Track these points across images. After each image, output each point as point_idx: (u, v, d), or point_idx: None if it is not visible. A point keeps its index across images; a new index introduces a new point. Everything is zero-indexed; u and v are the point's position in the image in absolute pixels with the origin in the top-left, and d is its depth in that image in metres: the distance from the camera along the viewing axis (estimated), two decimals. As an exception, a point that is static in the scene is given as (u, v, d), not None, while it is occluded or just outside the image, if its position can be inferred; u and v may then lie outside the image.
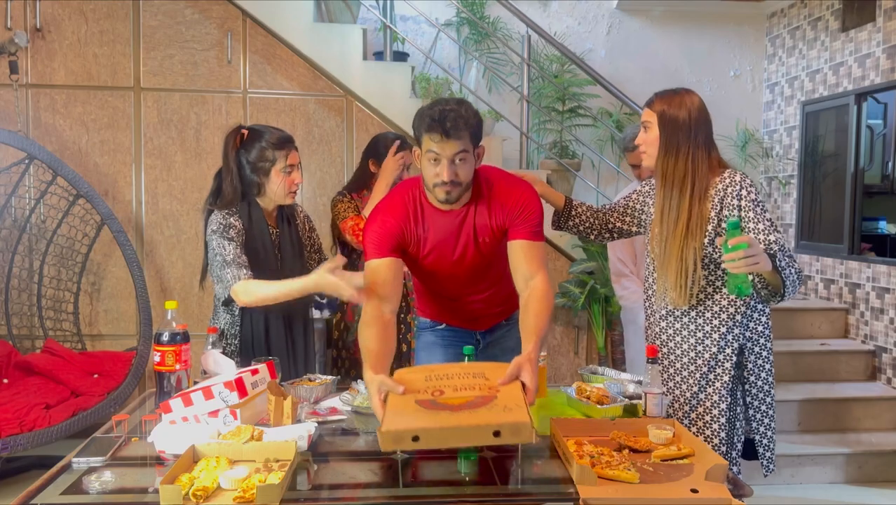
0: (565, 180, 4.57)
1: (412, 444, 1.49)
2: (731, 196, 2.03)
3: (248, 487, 1.42)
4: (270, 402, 1.84)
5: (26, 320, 3.92)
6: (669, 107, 2.07)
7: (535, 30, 4.38)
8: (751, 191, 2.03)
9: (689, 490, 1.48)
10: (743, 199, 2.02)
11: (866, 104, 4.51)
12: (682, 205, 2.04)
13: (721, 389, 2.10)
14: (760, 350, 2.12)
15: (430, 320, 2.38)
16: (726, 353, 2.09)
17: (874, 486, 3.65)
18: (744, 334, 2.10)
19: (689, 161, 2.04)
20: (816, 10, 4.92)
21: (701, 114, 2.08)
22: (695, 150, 2.05)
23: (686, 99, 2.08)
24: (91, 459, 1.62)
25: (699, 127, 2.06)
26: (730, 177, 2.06)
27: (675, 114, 2.06)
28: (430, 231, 2.04)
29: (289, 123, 4.06)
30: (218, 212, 2.24)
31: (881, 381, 4.22)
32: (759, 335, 2.12)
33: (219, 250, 2.18)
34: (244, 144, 2.26)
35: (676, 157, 2.05)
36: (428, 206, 2.04)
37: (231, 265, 2.15)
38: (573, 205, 2.36)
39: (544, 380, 2.22)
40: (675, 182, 2.05)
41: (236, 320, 2.28)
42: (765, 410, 2.14)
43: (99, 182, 3.95)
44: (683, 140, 2.05)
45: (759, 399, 2.14)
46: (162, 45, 3.98)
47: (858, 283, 4.43)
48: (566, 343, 4.25)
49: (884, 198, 5.13)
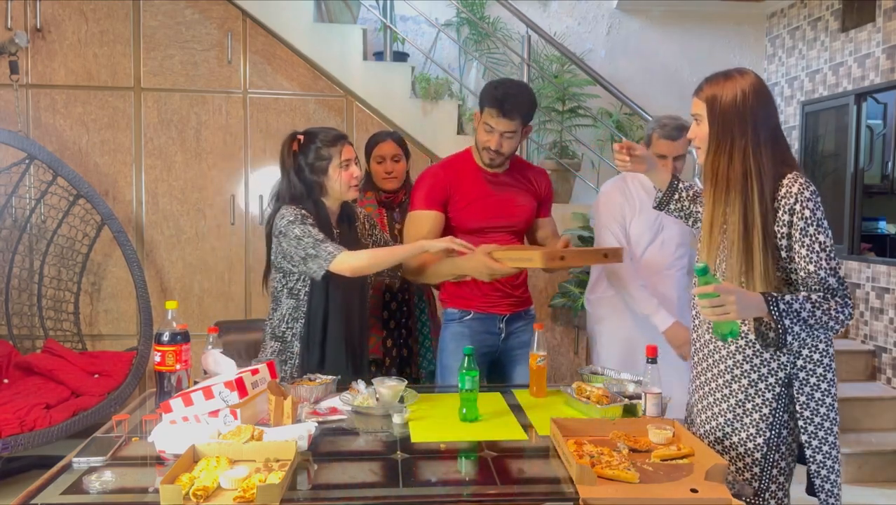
0: (565, 180, 4.57)
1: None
2: (783, 209, 1.70)
3: (249, 487, 1.42)
4: (270, 402, 1.84)
5: (26, 320, 3.92)
6: (718, 92, 1.73)
7: (535, 30, 4.38)
8: (807, 206, 1.68)
9: (689, 490, 1.48)
10: (795, 215, 1.68)
11: (866, 104, 4.52)
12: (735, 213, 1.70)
13: (759, 423, 1.78)
14: (818, 382, 1.74)
15: (458, 310, 2.54)
16: (769, 381, 1.76)
17: (874, 486, 3.66)
18: (794, 363, 1.75)
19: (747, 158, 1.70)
20: (816, 11, 4.92)
21: (759, 98, 1.71)
22: (755, 146, 1.70)
23: (739, 81, 1.72)
24: (91, 458, 1.63)
25: (757, 114, 1.70)
26: (788, 184, 1.70)
27: (726, 100, 1.71)
28: (476, 185, 2.48)
29: (289, 123, 4.06)
30: (287, 206, 2.27)
31: (881, 381, 4.22)
32: (816, 364, 1.75)
33: (305, 233, 2.20)
34: (301, 149, 2.31)
35: (731, 154, 1.71)
36: (476, 167, 2.51)
37: (325, 241, 2.20)
38: (678, 188, 2.04)
39: (544, 380, 2.23)
40: (732, 185, 1.71)
41: (301, 304, 2.31)
42: (827, 451, 1.76)
43: (99, 182, 3.95)
44: (739, 132, 1.70)
45: (818, 438, 1.75)
46: (162, 46, 3.98)
47: (858, 283, 4.43)
48: (566, 343, 4.25)
49: (884, 198, 5.13)
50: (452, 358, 2.51)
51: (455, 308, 2.57)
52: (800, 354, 1.75)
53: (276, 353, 2.33)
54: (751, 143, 1.70)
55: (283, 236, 2.23)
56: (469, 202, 2.47)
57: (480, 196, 2.49)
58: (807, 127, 4.99)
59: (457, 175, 2.50)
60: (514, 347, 2.59)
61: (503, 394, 2.25)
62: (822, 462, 1.76)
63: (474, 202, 2.48)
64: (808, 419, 1.75)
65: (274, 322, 2.35)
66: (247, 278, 4.09)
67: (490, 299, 2.54)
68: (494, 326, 2.57)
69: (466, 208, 2.48)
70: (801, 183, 1.70)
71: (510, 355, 2.62)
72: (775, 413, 1.77)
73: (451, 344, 2.56)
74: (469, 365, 1.96)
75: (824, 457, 1.76)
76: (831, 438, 1.76)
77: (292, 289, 2.32)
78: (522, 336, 2.58)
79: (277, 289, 2.35)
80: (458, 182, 2.48)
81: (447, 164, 2.57)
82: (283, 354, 2.33)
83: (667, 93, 5.04)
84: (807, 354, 1.75)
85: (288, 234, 2.22)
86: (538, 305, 4.21)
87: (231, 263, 4.08)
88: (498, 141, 2.39)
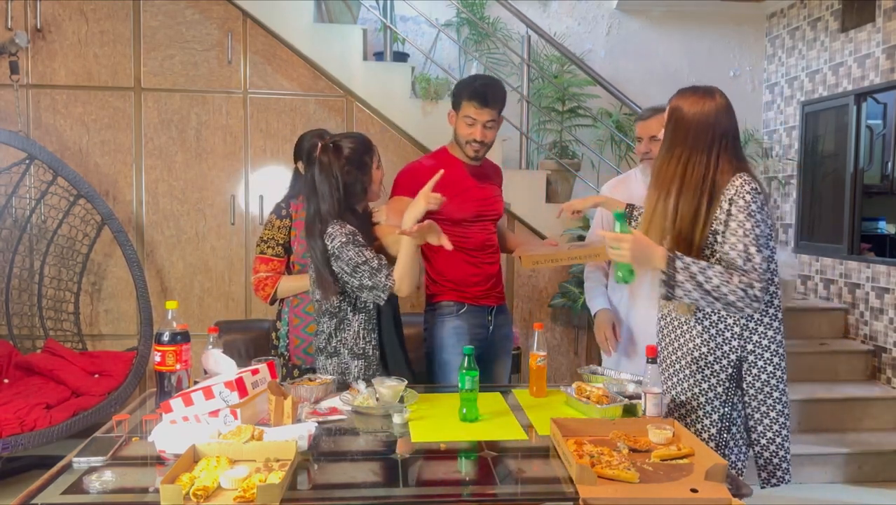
0: (565, 180, 4.57)
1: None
2: (725, 200, 1.93)
3: (249, 487, 1.43)
4: (271, 402, 1.85)
5: (27, 320, 3.92)
6: (681, 104, 2.00)
7: (535, 30, 4.38)
8: (743, 196, 1.90)
9: (688, 490, 1.48)
10: (733, 205, 1.91)
11: (866, 104, 4.52)
12: (668, 207, 1.96)
13: (714, 400, 2.02)
14: (765, 364, 2.00)
15: (454, 303, 2.61)
16: (722, 363, 2.01)
17: (874, 486, 3.66)
18: (745, 347, 2.00)
19: (682, 165, 1.95)
20: (816, 11, 4.92)
21: (708, 117, 1.95)
22: (691, 154, 1.95)
23: (700, 100, 1.98)
24: (91, 458, 1.63)
25: (706, 130, 1.95)
26: (733, 180, 1.94)
27: (683, 114, 1.98)
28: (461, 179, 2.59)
29: (289, 124, 4.06)
30: (333, 224, 2.21)
31: (881, 381, 4.22)
32: (764, 349, 2.01)
33: (360, 259, 2.16)
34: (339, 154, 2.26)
35: (670, 158, 1.98)
36: (457, 161, 2.63)
37: (380, 270, 2.17)
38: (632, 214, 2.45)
39: (544, 380, 2.23)
40: (664, 184, 1.98)
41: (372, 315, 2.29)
42: (777, 430, 2.02)
43: (99, 182, 3.96)
44: (681, 141, 1.96)
45: (762, 413, 2.01)
46: (162, 46, 3.98)
47: (858, 283, 4.43)
48: (566, 343, 4.25)
49: (883, 198, 5.13)
50: (453, 354, 2.53)
51: (450, 301, 2.61)
52: (750, 338, 1.99)
53: (361, 371, 2.27)
54: (695, 154, 1.95)
55: (337, 259, 2.19)
56: (455, 194, 2.53)
57: (465, 188, 2.61)
58: (807, 127, 4.99)
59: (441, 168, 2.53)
60: (497, 340, 2.72)
61: (503, 394, 2.25)
62: (772, 439, 2.01)
63: (460, 194, 2.57)
64: (752, 396, 2.01)
65: (348, 342, 2.27)
66: (247, 278, 4.09)
67: (480, 291, 2.65)
68: (484, 318, 2.67)
69: (453, 200, 2.51)
70: (744, 179, 1.93)
71: (494, 349, 2.71)
72: (728, 392, 2.02)
73: (450, 339, 2.59)
74: (469, 365, 1.96)
75: (774, 435, 2.01)
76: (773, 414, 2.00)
77: (355, 303, 2.27)
78: (504, 329, 2.75)
79: (343, 308, 2.27)
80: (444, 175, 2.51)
81: (430, 160, 2.66)
82: (368, 370, 2.28)
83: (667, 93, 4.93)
84: (756, 339, 1.99)
85: (342, 258, 2.17)
86: (538, 305, 4.22)
87: (231, 262, 4.08)
88: (481, 132, 2.55)
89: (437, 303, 2.63)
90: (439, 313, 2.63)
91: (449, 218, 2.55)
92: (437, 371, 2.62)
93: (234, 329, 3.13)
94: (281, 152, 4.03)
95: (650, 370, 1.89)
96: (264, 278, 2.63)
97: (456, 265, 2.62)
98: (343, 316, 2.28)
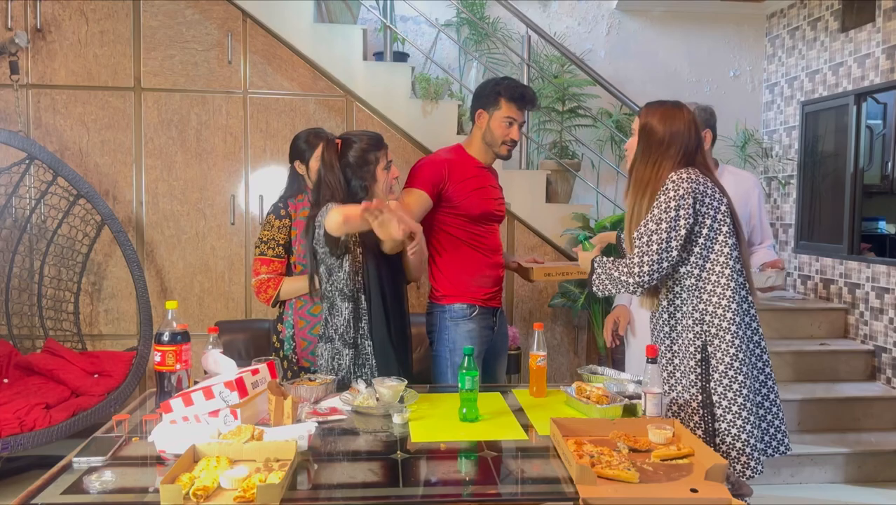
0: (565, 181, 4.57)
1: None
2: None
3: (249, 487, 1.43)
4: (271, 401, 1.85)
5: (27, 320, 3.92)
6: (651, 120, 2.14)
7: (535, 30, 4.38)
8: (667, 188, 2.05)
9: (688, 490, 1.48)
10: (659, 197, 2.06)
11: (866, 104, 4.52)
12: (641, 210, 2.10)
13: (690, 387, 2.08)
14: (727, 347, 2.04)
15: (466, 305, 2.63)
16: (690, 349, 2.08)
17: (874, 485, 3.66)
18: (708, 332, 2.07)
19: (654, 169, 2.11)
20: (816, 11, 4.93)
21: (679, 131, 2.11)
22: (663, 160, 2.10)
23: (669, 115, 2.13)
24: (91, 458, 1.63)
25: (673, 143, 2.11)
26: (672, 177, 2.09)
27: (653, 128, 2.13)
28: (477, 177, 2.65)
29: (289, 124, 4.06)
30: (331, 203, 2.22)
31: (881, 381, 4.22)
32: (725, 331, 2.04)
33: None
34: (344, 152, 2.30)
35: (644, 164, 2.13)
36: (473, 160, 2.68)
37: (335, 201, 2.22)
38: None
39: (544, 380, 2.23)
40: (639, 187, 2.13)
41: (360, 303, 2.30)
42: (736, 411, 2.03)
43: (99, 182, 3.96)
44: (655, 150, 2.12)
45: (726, 398, 2.04)
46: (162, 46, 3.98)
47: (858, 283, 4.43)
48: (566, 343, 4.25)
49: (883, 198, 5.13)
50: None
51: (462, 303, 2.63)
52: (711, 322, 2.06)
53: (352, 360, 2.29)
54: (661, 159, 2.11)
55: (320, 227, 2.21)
56: (472, 190, 2.62)
57: (481, 185, 2.67)
58: (806, 127, 4.99)
59: (457, 166, 2.64)
60: (497, 340, 2.78)
61: (503, 394, 2.25)
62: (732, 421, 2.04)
63: (477, 191, 2.64)
64: (717, 381, 2.06)
65: (339, 329, 2.29)
66: (247, 278, 4.09)
67: (489, 293, 2.69)
68: (490, 320, 2.72)
69: (470, 196, 2.62)
70: (678, 174, 2.07)
71: (495, 348, 2.76)
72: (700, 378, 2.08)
73: (465, 342, 2.59)
74: (469, 365, 1.97)
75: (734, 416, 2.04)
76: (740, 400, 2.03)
77: (343, 290, 2.28)
78: (503, 328, 2.84)
79: (331, 295, 2.31)
80: (460, 172, 2.62)
81: (448, 154, 2.70)
82: (358, 358, 2.30)
83: (667, 93, 4.98)
84: (717, 322, 2.06)
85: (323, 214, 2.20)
86: (538, 305, 4.22)
87: (231, 262, 4.08)
88: (518, 132, 2.65)
89: (449, 305, 2.63)
90: (451, 315, 2.63)
91: (467, 214, 2.63)
92: (448, 373, 2.62)
93: (234, 329, 3.13)
94: (281, 152, 4.03)
95: (650, 370, 1.89)
96: (266, 280, 2.59)
97: (470, 266, 2.65)
98: (333, 301, 2.31)
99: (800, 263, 5.05)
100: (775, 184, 5.36)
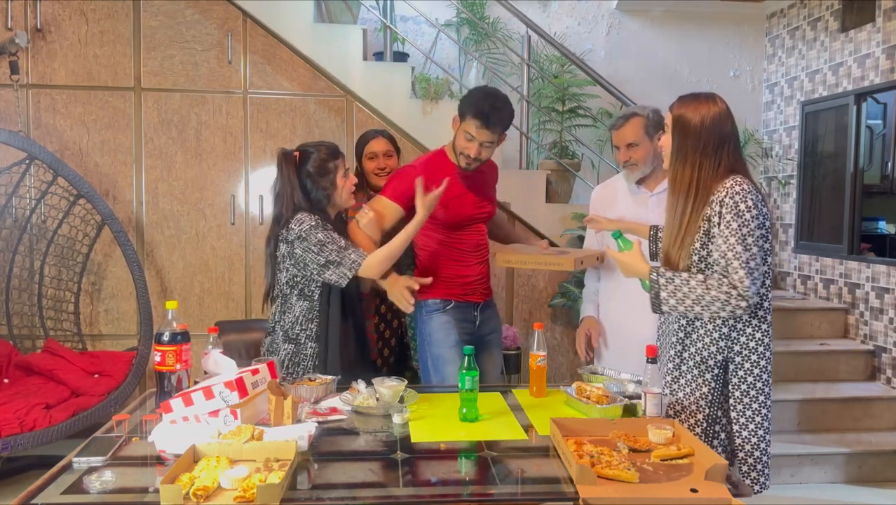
0: (565, 180, 4.57)
1: None
2: (716, 202, 1.97)
3: (249, 487, 1.43)
4: (271, 401, 1.85)
5: (27, 320, 3.92)
6: (685, 112, 2.04)
7: (535, 30, 4.38)
8: (733, 197, 1.95)
9: (688, 490, 1.48)
10: (723, 206, 1.96)
11: (866, 104, 4.51)
12: (686, 212, 2.02)
13: (700, 400, 2.05)
14: (752, 367, 2.02)
15: (440, 300, 2.64)
16: (708, 364, 2.04)
17: (874, 485, 3.66)
18: (731, 348, 2.03)
19: (696, 169, 2.01)
20: (816, 11, 4.92)
21: (714, 122, 2.01)
22: (703, 159, 2.01)
23: (703, 106, 2.03)
24: (91, 458, 1.63)
25: (710, 135, 2.01)
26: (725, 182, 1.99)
27: (688, 120, 2.03)
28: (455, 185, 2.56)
29: (289, 124, 4.06)
30: (304, 213, 2.30)
31: (880, 381, 4.22)
32: (752, 351, 2.02)
33: (328, 239, 2.27)
34: (301, 163, 2.37)
35: (684, 163, 2.03)
36: (452, 166, 2.61)
37: (348, 248, 2.28)
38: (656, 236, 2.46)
39: (544, 380, 2.23)
40: (681, 189, 2.03)
41: (315, 305, 2.36)
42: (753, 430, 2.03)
43: (99, 182, 3.96)
44: (692, 147, 2.01)
45: (745, 416, 2.03)
46: (162, 46, 3.98)
47: (858, 283, 4.43)
48: (566, 343, 4.25)
49: (883, 198, 5.13)
50: (444, 347, 2.61)
51: (436, 298, 2.65)
52: (737, 340, 2.02)
53: (290, 355, 2.35)
54: (700, 156, 2.01)
55: (302, 241, 2.25)
56: (449, 199, 2.56)
57: (459, 194, 2.62)
58: (807, 127, 4.99)
59: (433, 175, 2.52)
60: (485, 333, 2.76)
61: (503, 394, 2.25)
62: (747, 438, 2.03)
63: (454, 199, 2.60)
64: (738, 399, 2.03)
65: (286, 325, 2.36)
66: (247, 278, 4.09)
67: (467, 289, 2.69)
68: (471, 314, 2.71)
69: (447, 205, 2.58)
70: (736, 181, 1.98)
71: (483, 342, 2.74)
72: (713, 393, 2.05)
73: (438, 334, 2.64)
74: (469, 365, 1.97)
75: (749, 434, 2.03)
76: (758, 419, 2.02)
77: (303, 290, 2.35)
78: (492, 322, 2.81)
79: (286, 292, 2.37)
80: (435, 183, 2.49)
81: (426, 166, 2.61)
82: (296, 356, 2.36)
83: (666, 93, 4.96)
84: (744, 340, 2.02)
85: (309, 239, 2.25)
86: (538, 305, 4.22)
87: (231, 262, 4.08)
88: (477, 150, 2.54)
89: (424, 301, 2.65)
90: (426, 310, 2.66)
91: (444, 223, 2.62)
92: (430, 365, 2.66)
93: (234, 329, 3.12)
94: (281, 152, 4.03)
95: (650, 370, 1.89)
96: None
97: (446, 266, 2.66)
98: (286, 299, 2.36)
99: (800, 262, 5.05)
100: (775, 184, 5.36)
